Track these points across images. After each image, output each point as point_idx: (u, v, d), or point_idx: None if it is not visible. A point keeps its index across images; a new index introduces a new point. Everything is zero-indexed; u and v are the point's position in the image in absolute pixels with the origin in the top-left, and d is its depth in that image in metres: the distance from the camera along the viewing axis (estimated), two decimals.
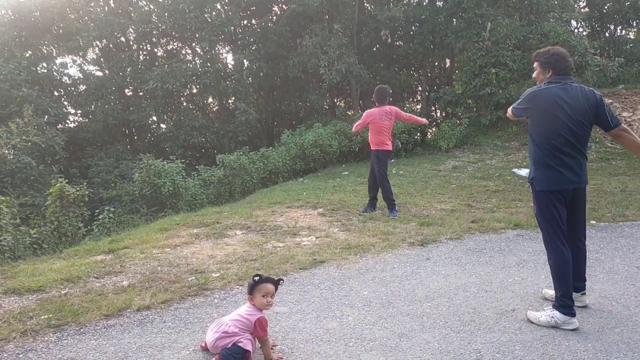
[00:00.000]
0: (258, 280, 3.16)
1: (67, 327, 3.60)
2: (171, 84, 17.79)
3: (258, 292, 3.16)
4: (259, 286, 3.16)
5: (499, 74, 15.82)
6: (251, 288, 3.17)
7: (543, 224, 3.76)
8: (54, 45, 19.94)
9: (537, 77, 3.86)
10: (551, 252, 3.72)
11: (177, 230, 6.72)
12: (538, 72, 3.84)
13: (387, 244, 5.86)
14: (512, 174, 11.46)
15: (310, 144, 14.88)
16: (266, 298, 3.17)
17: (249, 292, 3.18)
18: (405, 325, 3.66)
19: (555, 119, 3.60)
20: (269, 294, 3.18)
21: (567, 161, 3.63)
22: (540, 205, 3.74)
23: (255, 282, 3.16)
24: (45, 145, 14.82)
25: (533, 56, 3.92)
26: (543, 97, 3.65)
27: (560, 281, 3.66)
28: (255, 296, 3.17)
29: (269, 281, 3.20)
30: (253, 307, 3.17)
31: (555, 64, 3.70)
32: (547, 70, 3.74)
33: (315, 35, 18.20)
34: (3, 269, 5.04)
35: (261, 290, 3.16)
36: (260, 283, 3.16)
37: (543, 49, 3.86)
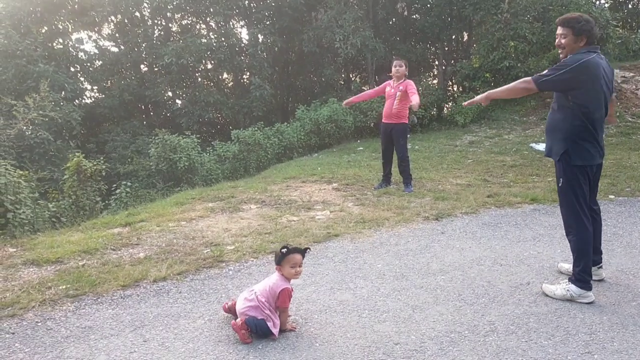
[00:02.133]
0: (286, 252, 3.17)
1: (85, 297, 3.67)
2: (186, 59, 17.74)
3: (287, 263, 3.18)
4: (288, 257, 3.18)
5: (518, 47, 15.51)
6: (279, 259, 3.19)
7: (571, 199, 3.64)
8: (69, 20, 19.96)
9: (568, 44, 3.55)
10: (577, 227, 3.64)
11: (192, 204, 6.77)
12: (569, 40, 3.53)
13: (402, 218, 5.84)
14: (530, 149, 11.30)
15: (325, 119, 14.80)
16: (295, 268, 3.19)
17: (278, 263, 3.20)
18: (419, 298, 3.67)
19: (600, 90, 3.48)
20: (297, 264, 3.19)
21: (597, 135, 3.56)
22: (571, 180, 3.61)
23: (283, 254, 3.17)
24: (63, 121, 14.93)
25: (561, 21, 3.60)
26: (593, 67, 3.44)
27: (581, 256, 3.62)
28: (284, 267, 3.18)
29: (297, 251, 3.21)
30: (282, 277, 3.19)
31: (590, 32, 3.49)
32: (581, 37, 3.49)
33: (331, 8, 17.94)
34: (22, 241, 5.14)
35: (290, 261, 3.18)
36: (289, 254, 3.18)
37: (571, 15, 3.60)
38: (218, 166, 12.90)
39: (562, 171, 3.65)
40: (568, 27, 3.54)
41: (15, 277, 4.03)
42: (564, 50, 3.60)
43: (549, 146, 3.78)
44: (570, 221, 3.70)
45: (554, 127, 3.69)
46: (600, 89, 3.49)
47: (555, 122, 3.68)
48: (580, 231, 3.64)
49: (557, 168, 3.73)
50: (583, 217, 3.64)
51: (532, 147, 11.45)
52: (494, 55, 15.96)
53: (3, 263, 4.34)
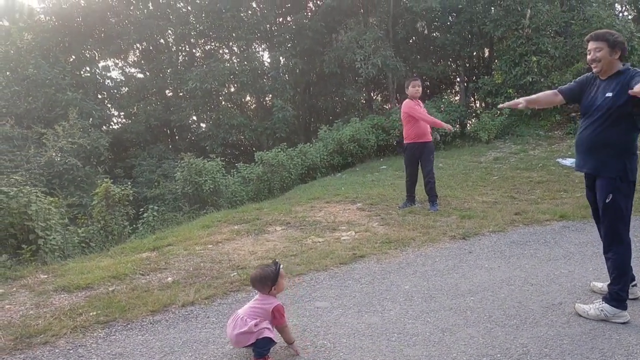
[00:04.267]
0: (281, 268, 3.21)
1: (115, 323, 3.71)
2: (210, 83, 18.05)
3: (282, 278, 3.21)
4: (281, 272, 3.22)
5: (541, 62, 15.41)
6: (276, 278, 3.17)
7: (620, 215, 3.55)
8: (96, 49, 20.55)
9: (604, 57, 3.49)
10: (621, 245, 3.57)
11: (218, 227, 6.82)
12: (605, 52, 3.48)
13: (428, 237, 5.79)
14: (557, 164, 11.13)
15: (348, 138, 14.84)
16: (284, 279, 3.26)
17: (274, 281, 3.17)
18: (449, 320, 3.61)
19: None
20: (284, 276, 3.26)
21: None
22: (625, 197, 3.55)
23: (279, 270, 3.19)
24: (91, 147, 15.25)
25: (593, 37, 3.56)
26: None
27: (622, 275, 3.55)
28: (280, 283, 3.21)
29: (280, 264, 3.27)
30: (265, 296, 3.17)
31: (624, 45, 3.48)
32: (616, 50, 3.46)
33: (351, 29, 18.11)
34: (53, 267, 5.22)
35: (282, 275, 3.22)
36: (281, 269, 3.22)
37: (602, 31, 3.60)
38: (242, 188, 12.99)
39: (616, 187, 3.53)
40: (603, 41, 3.51)
41: (47, 304, 4.09)
42: (599, 64, 3.54)
43: (594, 162, 3.63)
44: (614, 238, 3.59)
45: (607, 142, 3.53)
46: None
47: (609, 135, 3.52)
48: (624, 248, 3.57)
49: (605, 184, 3.58)
50: (625, 234, 3.57)
51: (559, 162, 11.28)
52: (516, 71, 15.88)
53: (35, 290, 4.42)
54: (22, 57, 17.59)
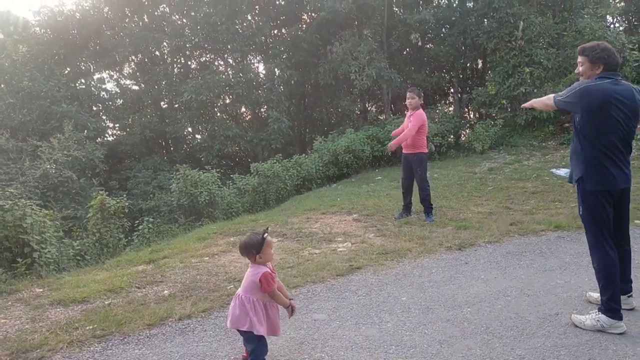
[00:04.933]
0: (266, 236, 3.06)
1: (112, 337, 3.69)
2: (205, 95, 18.08)
3: (267, 246, 3.06)
4: (267, 240, 3.07)
5: (534, 73, 15.53)
6: (260, 246, 3.03)
7: (590, 225, 3.63)
8: (91, 61, 20.59)
9: (585, 72, 3.62)
10: (597, 254, 3.61)
11: (214, 239, 6.81)
12: (586, 67, 3.61)
13: (424, 248, 5.80)
14: (551, 174, 11.19)
15: (343, 149, 14.88)
16: (272, 249, 3.12)
17: (259, 250, 3.03)
18: (446, 331, 3.62)
19: (609, 116, 3.46)
20: (272, 246, 3.12)
21: (617, 160, 3.53)
22: (589, 206, 3.61)
23: (264, 239, 3.04)
24: (86, 159, 15.23)
25: (579, 51, 3.70)
26: (596, 92, 3.47)
27: (606, 284, 3.56)
28: (266, 252, 3.05)
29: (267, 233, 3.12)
30: (255, 266, 3.07)
31: (607, 60, 3.53)
32: (598, 65, 3.55)
33: (345, 41, 18.22)
34: (49, 280, 5.20)
35: (269, 244, 3.08)
36: (267, 237, 3.07)
37: (590, 44, 3.68)
38: (238, 199, 12.98)
39: (581, 197, 3.66)
40: (584, 56, 3.63)
41: (42, 318, 4.07)
42: (582, 77, 3.67)
43: (570, 172, 3.81)
44: (593, 247, 3.65)
45: (573, 152, 3.73)
46: (607, 114, 3.46)
47: (573, 147, 3.71)
48: (601, 258, 3.59)
49: (578, 194, 3.73)
50: (605, 243, 3.58)
51: (552, 172, 11.35)
52: (509, 82, 15.99)
53: (31, 303, 4.40)
54: (17, 69, 17.61)
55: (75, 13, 20.11)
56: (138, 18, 21.60)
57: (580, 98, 3.52)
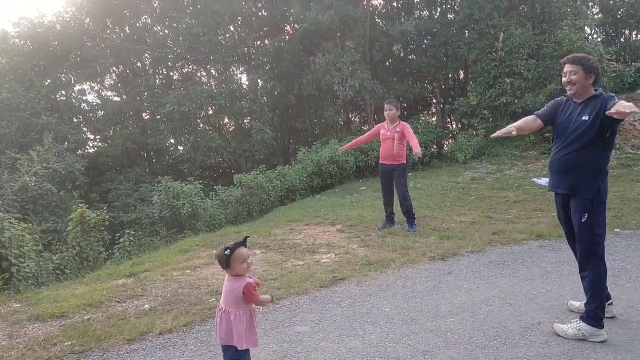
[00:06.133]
0: (230, 252, 2.87)
1: (91, 353, 3.62)
2: (187, 106, 17.99)
3: (236, 262, 2.88)
4: (234, 256, 2.87)
5: (514, 84, 15.74)
6: (227, 262, 2.88)
7: (595, 234, 3.61)
8: (72, 73, 20.35)
9: (579, 81, 3.60)
10: (597, 264, 3.62)
11: (196, 251, 6.75)
12: (581, 77, 3.58)
13: (408, 259, 5.80)
14: (532, 184, 11.31)
15: (327, 160, 14.88)
16: (245, 263, 2.91)
17: (226, 266, 2.90)
18: (430, 342, 3.61)
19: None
20: (245, 258, 2.91)
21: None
22: (600, 216, 3.61)
23: (228, 256, 2.87)
24: (66, 172, 15.03)
25: (570, 60, 3.66)
26: None
27: (597, 293, 3.59)
28: (235, 267, 2.89)
29: (239, 246, 2.92)
30: (234, 278, 2.92)
31: (598, 70, 3.59)
32: (591, 75, 3.57)
33: (328, 52, 18.31)
34: (27, 296, 5.10)
35: (237, 259, 2.88)
36: (233, 253, 2.88)
37: (580, 55, 3.72)
38: (221, 211, 12.89)
39: (591, 207, 3.59)
40: (579, 65, 3.61)
41: (20, 334, 3.98)
42: (574, 87, 3.63)
43: (570, 183, 3.68)
44: (590, 257, 3.63)
45: (582, 164, 3.60)
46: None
47: (585, 158, 3.59)
48: (600, 268, 3.62)
49: (582, 204, 3.63)
50: (601, 252, 3.63)
51: (534, 182, 11.47)
52: (491, 93, 16.18)
53: (8, 320, 4.30)
54: None
55: (55, 24, 19.90)
56: (120, 29, 21.46)
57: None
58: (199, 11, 19.79)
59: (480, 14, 16.61)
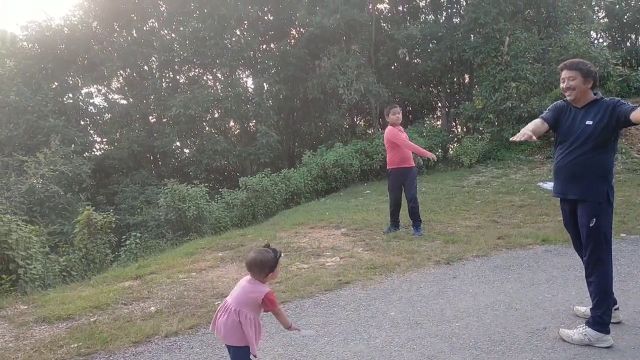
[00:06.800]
0: (280, 254, 2.92)
1: (97, 355, 3.64)
2: (193, 109, 18.06)
3: (279, 265, 2.91)
4: (280, 259, 2.93)
5: (520, 88, 15.72)
6: (275, 265, 2.87)
7: (604, 237, 3.61)
8: (79, 76, 20.47)
9: (578, 86, 3.60)
10: (605, 268, 3.61)
11: (202, 254, 6.77)
12: (579, 82, 3.59)
13: (413, 262, 5.80)
14: (538, 188, 11.28)
15: (332, 163, 14.91)
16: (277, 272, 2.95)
17: (272, 268, 2.87)
18: (435, 347, 3.61)
19: None
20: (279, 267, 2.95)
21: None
22: (608, 219, 3.62)
23: (277, 258, 2.89)
24: (73, 174, 15.11)
25: (567, 65, 3.66)
26: None
27: (604, 298, 3.59)
28: (277, 271, 2.91)
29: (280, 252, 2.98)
30: (255, 283, 2.88)
31: (595, 75, 3.61)
32: (589, 80, 3.58)
33: (333, 56, 18.35)
34: (34, 297, 5.13)
35: (280, 263, 2.93)
36: (280, 256, 2.94)
37: (576, 60, 3.72)
38: (226, 214, 12.92)
39: (599, 211, 3.58)
40: (576, 70, 3.61)
41: (26, 336, 4.01)
42: (573, 92, 3.64)
43: (580, 188, 3.66)
44: (598, 261, 3.62)
45: (590, 167, 3.59)
46: None
47: (592, 161, 3.58)
48: (607, 272, 3.61)
49: (590, 208, 3.61)
50: (608, 256, 3.63)
51: (540, 186, 11.44)
52: (496, 97, 16.16)
53: (15, 321, 4.33)
54: (3, 83, 17.48)
55: (63, 28, 20.03)
56: (127, 33, 21.59)
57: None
58: (205, 15, 19.90)
59: (485, 18, 16.61)
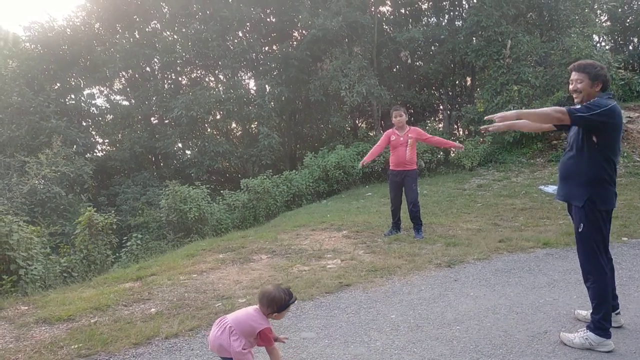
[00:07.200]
0: (294, 301, 3.08)
1: (97, 356, 3.64)
2: (195, 111, 18.07)
3: (287, 311, 3.09)
4: (290, 306, 3.09)
5: (522, 91, 15.70)
6: (284, 307, 3.02)
7: (592, 244, 3.60)
8: (81, 77, 20.51)
9: (585, 89, 3.58)
10: (596, 273, 3.60)
11: (203, 255, 6.77)
12: (586, 85, 3.57)
13: (414, 265, 5.80)
14: (539, 191, 11.27)
15: (333, 165, 14.91)
16: (284, 316, 3.14)
17: (280, 310, 3.01)
18: (435, 350, 3.60)
19: (620, 136, 3.54)
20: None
21: (615, 179, 3.58)
22: (594, 225, 3.57)
23: (289, 303, 3.04)
24: (74, 175, 15.12)
25: (576, 67, 3.64)
26: (618, 112, 3.48)
27: (602, 303, 3.57)
28: (283, 314, 3.07)
29: (294, 300, 3.14)
30: (262, 315, 3.02)
31: (605, 77, 3.55)
32: (597, 83, 3.54)
33: (336, 58, 18.35)
34: (34, 298, 5.13)
35: (288, 309, 3.10)
36: (293, 303, 3.10)
37: (585, 61, 3.67)
38: (228, 215, 12.92)
39: (585, 216, 3.58)
40: (584, 73, 3.59)
41: (27, 337, 4.01)
42: (580, 95, 3.62)
43: (566, 190, 3.73)
44: (590, 267, 3.63)
45: (574, 171, 3.63)
46: (620, 134, 3.56)
47: (576, 165, 3.62)
48: (601, 277, 3.59)
49: (577, 213, 3.65)
50: (602, 262, 3.60)
51: (541, 189, 11.43)
52: (498, 100, 16.14)
53: (15, 322, 4.33)
54: (6, 84, 17.50)
55: (66, 29, 20.07)
56: (129, 34, 21.62)
57: (611, 117, 3.44)
58: (207, 17, 19.92)
59: (487, 21, 16.60)
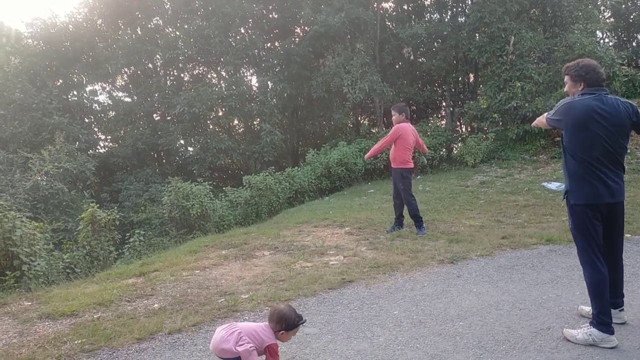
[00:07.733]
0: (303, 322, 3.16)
1: (100, 351, 3.64)
2: (197, 107, 18.07)
3: (294, 332, 3.17)
4: (299, 327, 3.17)
5: (525, 87, 15.67)
6: (293, 326, 3.11)
7: (578, 239, 3.67)
8: (84, 73, 20.53)
9: (569, 90, 3.77)
10: (586, 268, 3.63)
11: (205, 252, 6.77)
12: (569, 86, 3.75)
13: (416, 262, 5.79)
14: (542, 188, 11.25)
15: (336, 162, 14.91)
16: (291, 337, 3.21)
17: (289, 329, 3.10)
18: (438, 346, 3.60)
19: (590, 131, 3.49)
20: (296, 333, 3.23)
21: (602, 174, 3.53)
22: (576, 220, 3.66)
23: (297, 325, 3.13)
24: (77, 171, 15.14)
25: (563, 70, 3.85)
26: (577, 108, 3.55)
27: (596, 298, 3.56)
28: (290, 335, 3.15)
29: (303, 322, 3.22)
30: (271, 332, 3.09)
31: (585, 76, 3.62)
32: (579, 83, 3.66)
33: (338, 55, 18.34)
34: (38, 294, 5.14)
35: (297, 330, 3.18)
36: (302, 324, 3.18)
37: (572, 62, 3.78)
38: (230, 212, 12.94)
39: (569, 211, 3.75)
40: (567, 75, 3.79)
41: (30, 332, 4.02)
42: (570, 95, 3.79)
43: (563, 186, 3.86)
44: (581, 261, 3.70)
45: (563, 167, 3.80)
46: (589, 129, 3.50)
47: (563, 161, 3.79)
48: (590, 272, 3.60)
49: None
50: (593, 257, 3.59)
51: (544, 186, 11.41)
52: (501, 96, 16.11)
53: (19, 317, 4.34)
54: (8, 81, 17.53)
55: (68, 25, 20.08)
56: (131, 30, 21.62)
57: (565, 115, 3.63)
58: (210, 13, 19.91)
59: (491, 17, 16.55)
